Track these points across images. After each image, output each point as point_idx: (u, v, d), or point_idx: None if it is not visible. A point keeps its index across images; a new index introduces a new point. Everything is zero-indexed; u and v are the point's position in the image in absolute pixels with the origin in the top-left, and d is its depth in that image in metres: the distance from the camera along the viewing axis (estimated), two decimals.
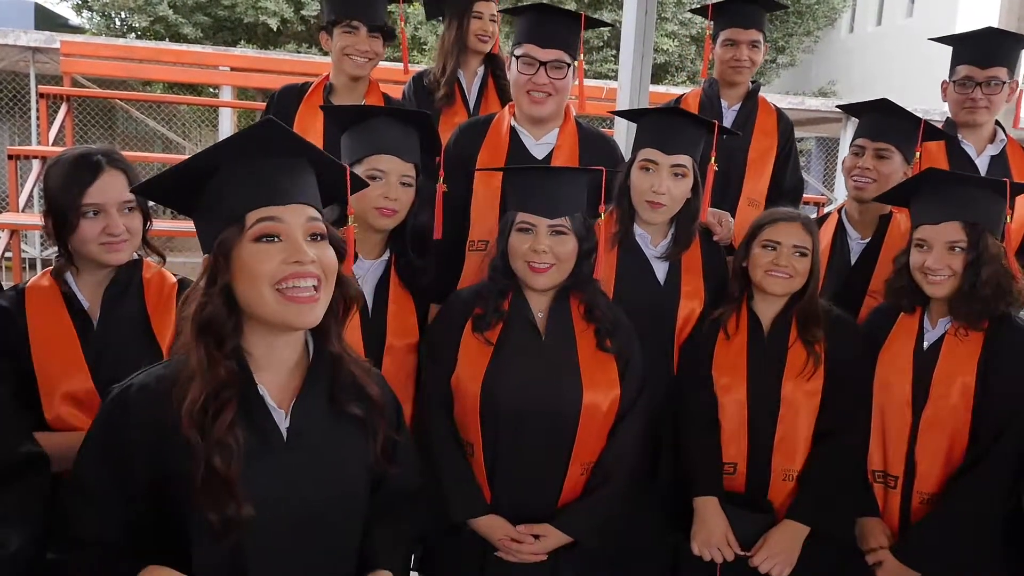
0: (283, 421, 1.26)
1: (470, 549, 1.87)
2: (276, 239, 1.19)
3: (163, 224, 4.55)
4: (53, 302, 1.69)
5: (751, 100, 2.86)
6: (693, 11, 3.53)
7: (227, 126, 7.70)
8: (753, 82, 2.91)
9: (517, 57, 2.26)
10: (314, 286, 1.19)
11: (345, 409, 1.28)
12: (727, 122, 2.81)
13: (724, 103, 2.86)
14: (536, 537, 1.82)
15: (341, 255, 1.28)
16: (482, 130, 2.39)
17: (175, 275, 1.86)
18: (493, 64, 2.91)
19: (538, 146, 2.35)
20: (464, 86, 2.90)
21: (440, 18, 2.99)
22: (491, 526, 1.84)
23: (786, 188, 2.83)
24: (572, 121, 2.40)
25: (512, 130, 2.36)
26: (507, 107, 2.43)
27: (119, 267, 1.74)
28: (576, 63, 2.29)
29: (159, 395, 1.20)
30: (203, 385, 1.16)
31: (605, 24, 2.61)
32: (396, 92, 3.04)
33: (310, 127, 2.58)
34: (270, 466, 1.22)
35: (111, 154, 1.70)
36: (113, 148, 1.77)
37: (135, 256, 1.79)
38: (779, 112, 2.89)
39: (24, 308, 1.67)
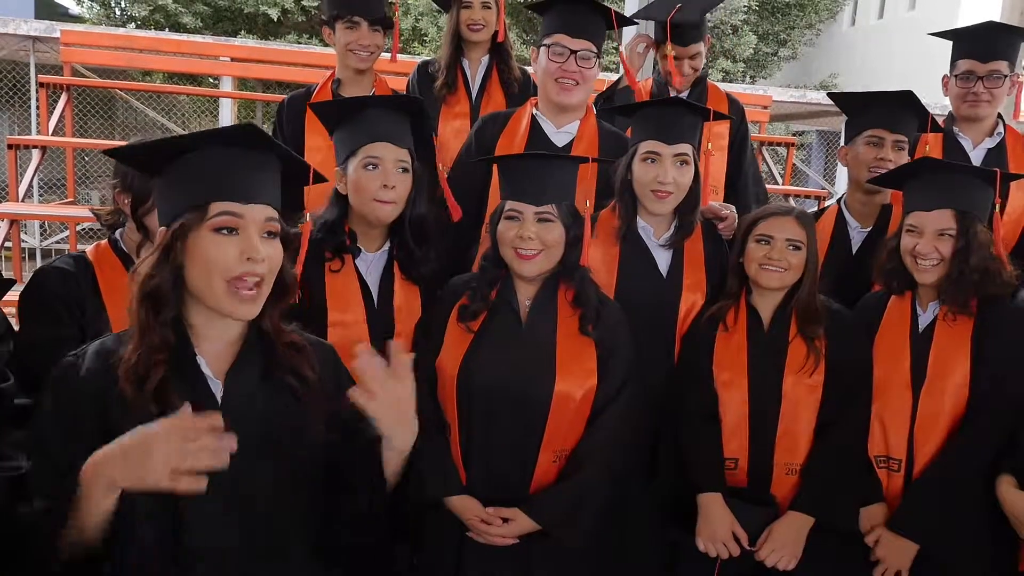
0: (218, 390, 1.32)
1: (451, 526, 1.89)
2: (234, 232, 1.27)
3: None
4: (121, 272, 1.81)
5: (699, 86, 2.93)
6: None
7: (227, 116, 7.70)
8: (704, 68, 3.00)
9: (548, 47, 2.30)
10: (256, 283, 1.28)
11: (281, 381, 1.35)
12: None
13: (673, 90, 2.92)
14: (505, 521, 1.83)
15: (288, 247, 1.36)
16: (504, 119, 2.44)
17: None
18: (499, 54, 2.91)
19: (558, 134, 2.39)
20: (468, 76, 2.91)
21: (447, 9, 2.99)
22: (463, 506, 1.86)
23: (745, 171, 2.88)
24: (593, 115, 2.44)
25: (533, 119, 2.40)
26: (529, 100, 2.47)
27: None
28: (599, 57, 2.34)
29: (104, 358, 1.29)
30: (137, 347, 1.26)
31: (631, 22, 2.63)
32: (397, 83, 3.04)
33: (320, 124, 2.59)
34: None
35: None
36: None
37: None
38: (729, 97, 2.95)
39: (92, 273, 1.80)
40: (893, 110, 2.33)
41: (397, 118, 1.98)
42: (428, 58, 3.09)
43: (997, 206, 1.98)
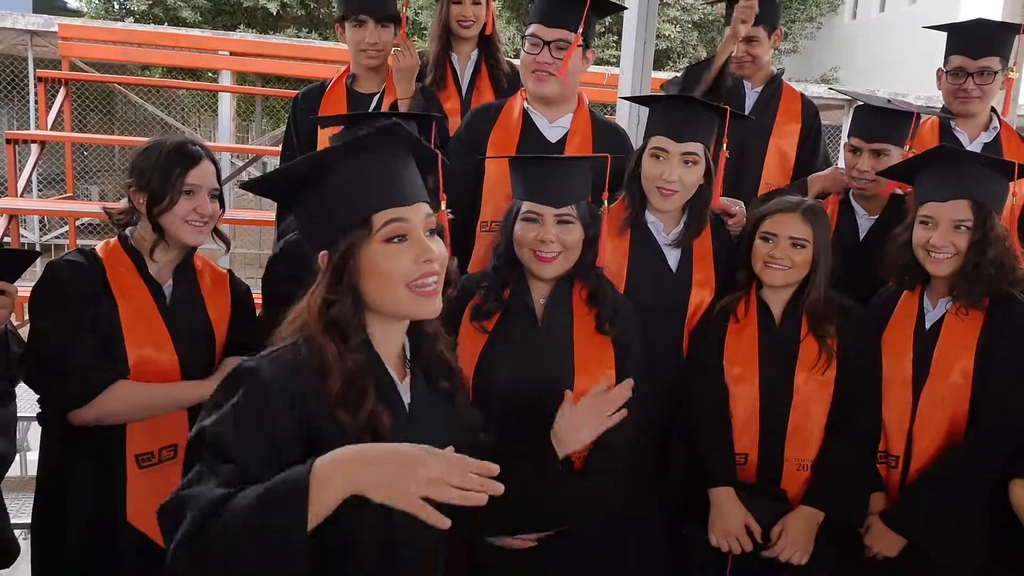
0: (405, 395, 1.33)
1: None
2: (403, 239, 1.24)
3: None
4: (131, 270, 1.83)
5: (773, 83, 2.87)
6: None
7: (226, 111, 7.66)
8: (778, 69, 2.95)
9: (525, 38, 2.28)
10: (436, 280, 1.26)
11: (437, 385, 1.38)
12: (749, 104, 2.82)
13: (748, 84, 2.88)
14: None
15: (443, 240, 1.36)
16: (494, 114, 2.40)
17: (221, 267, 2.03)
18: (487, 48, 2.89)
19: (551, 128, 2.36)
20: (457, 70, 2.88)
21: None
22: None
23: (814, 169, 2.79)
24: (586, 107, 2.40)
25: (525, 113, 2.36)
26: (520, 91, 2.43)
27: (187, 251, 1.88)
28: (576, 43, 2.26)
29: (288, 378, 1.22)
30: (339, 377, 1.22)
31: (616, 8, 2.60)
32: None
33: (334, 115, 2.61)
34: (403, 440, 1.28)
35: (204, 146, 1.87)
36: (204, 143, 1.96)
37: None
38: (804, 97, 2.90)
39: (102, 269, 1.80)
40: (866, 119, 2.33)
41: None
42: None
43: (1015, 199, 1.94)
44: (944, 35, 2.64)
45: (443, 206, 1.68)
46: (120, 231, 1.88)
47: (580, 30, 2.25)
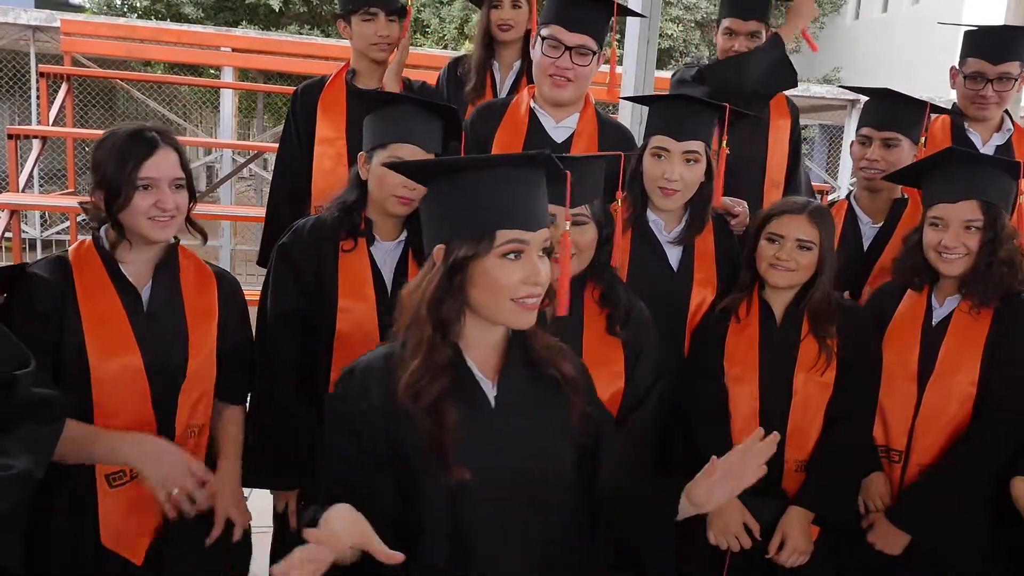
0: (491, 390, 1.39)
1: None
2: (518, 256, 1.32)
3: None
4: (102, 273, 1.70)
5: None
6: None
7: (228, 107, 7.65)
8: None
9: (543, 38, 2.23)
10: (537, 298, 1.35)
11: (546, 376, 1.42)
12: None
13: None
14: None
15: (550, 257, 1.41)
16: (500, 112, 2.37)
17: (208, 263, 1.90)
18: (530, 56, 2.86)
19: (557, 129, 2.33)
20: (498, 77, 2.85)
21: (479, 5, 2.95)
22: None
23: (799, 171, 2.84)
24: (592, 107, 2.38)
25: (531, 112, 2.34)
26: (526, 89, 2.40)
27: (167, 248, 1.77)
28: (603, 50, 2.26)
29: (385, 372, 1.35)
30: (421, 365, 1.32)
31: (636, 14, 2.57)
32: (411, 75, 3.01)
33: (333, 109, 2.62)
34: (483, 433, 1.35)
35: (164, 131, 1.73)
36: (166, 127, 1.80)
37: (173, 239, 1.80)
38: (786, 95, 2.91)
39: (70, 279, 1.67)
40: (877, 108, 2.32)
41: (430, 122, 1.98)
42: (460, 54, 3.06)
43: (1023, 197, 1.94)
44: (948, 35, 2.64)
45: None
46: (95, 230, 1.73)
47: (605, 38, 2.22)
